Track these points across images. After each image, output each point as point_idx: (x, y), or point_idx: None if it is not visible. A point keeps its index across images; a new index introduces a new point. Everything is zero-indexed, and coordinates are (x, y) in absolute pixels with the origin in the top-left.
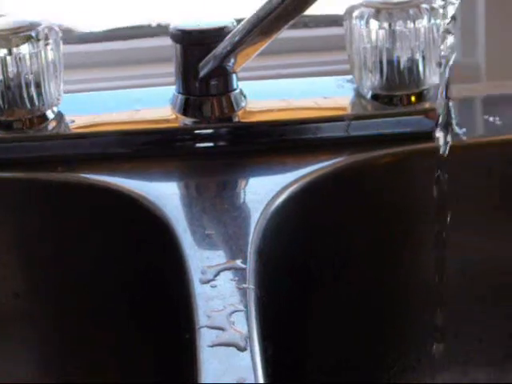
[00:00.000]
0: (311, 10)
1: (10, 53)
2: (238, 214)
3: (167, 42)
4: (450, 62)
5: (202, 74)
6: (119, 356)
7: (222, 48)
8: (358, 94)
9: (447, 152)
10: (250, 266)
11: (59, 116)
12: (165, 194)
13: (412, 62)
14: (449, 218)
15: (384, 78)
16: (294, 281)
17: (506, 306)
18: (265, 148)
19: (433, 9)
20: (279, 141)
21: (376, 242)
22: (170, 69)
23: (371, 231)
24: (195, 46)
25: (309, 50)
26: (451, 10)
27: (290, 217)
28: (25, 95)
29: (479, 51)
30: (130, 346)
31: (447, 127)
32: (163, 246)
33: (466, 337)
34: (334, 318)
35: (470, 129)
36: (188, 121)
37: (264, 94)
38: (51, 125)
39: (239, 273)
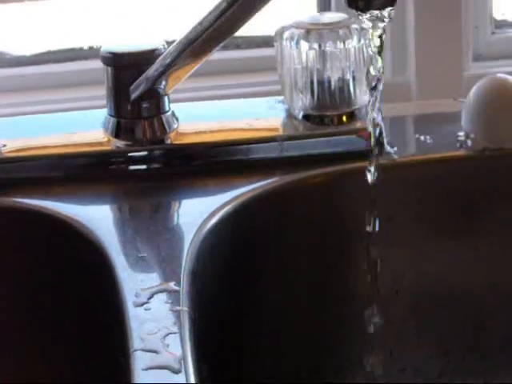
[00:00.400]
0: (242, 31)
1: None
2: (172, 236)
3: (99, 64)
4: (380, 82)
5: (133, 96)
6: (56, 378)
7: (153, 70)
8: (290, 115)
9: (378, 171)
10: (183, 287)
11: None
12: (98, 216)
13: (343, 82)
14: (382, 237)
15: (315, 98)
16: (229, 302)
17: (440, 324)
18: (197, 170)
19: (362, 29)
20: (212, 162)
21: (310, 262)
22: (103, 91)
23: (305, 251)
24: (126, 68)
25: (240, 71)
26: (380, 30)
27: (224, 238)
28: None
29: (410, 70)
30: (65, 368)
31: (379, 146)
32: (97, 269)
33: (401, 354)
34: (269, 337)
35: (401, 148)
36: (120, 143)
37: (196, 115)
38: None
39: (173, 295)
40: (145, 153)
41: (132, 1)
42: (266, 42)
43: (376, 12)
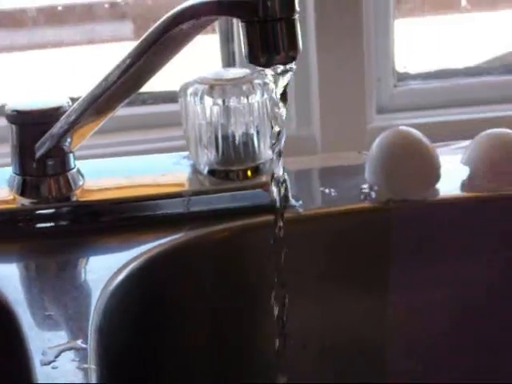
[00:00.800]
0: (148, 87)
1: None
2: (79, 294)
3: (4, 122)
4: (283, 135)
5: (38, 154)
6: None
7: (58, 128)
8: (195, 170)
9: (284, 224)
10: (90, 345)
11: None
12: (4, 275)
13: (247, 136)
14: (290, 290)
15: (220, 153)
16: (138, 357)
17: (348, 377)
18: (105, 226)
19: (265, 84)
20: (119, 218)
21: (218, 315)
22: (8, 149)
23: (212, 305)
24: (31, 126)
25: (146, 127)
26: (283, 82)
27: (131, 294)
28: None
29: (314, 124)
30: None
31: (284, 200)
32: (3, 327)
33: None
34: None
35: (306, 201)
36: (26, 201)
37: (102, 172)
38: None
39: (80, 352)
40: (51, 210)
41: (37, 58)
42: (171, 97)
43: (278, 67)
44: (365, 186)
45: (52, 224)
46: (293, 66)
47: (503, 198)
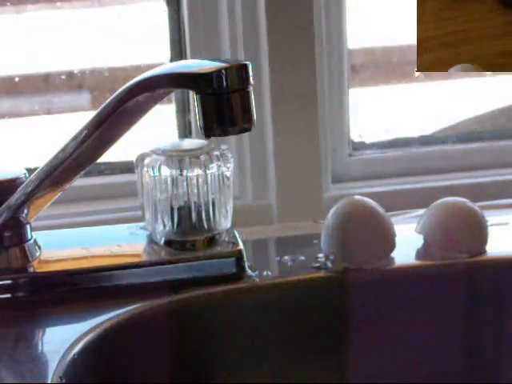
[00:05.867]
0: (105, 157)
1: None
2: (35, 365)
3: None
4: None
5: None
6: None
7: (14, 199)
8: (152, 241)
9: (240, 295)
10: None
11: None
12: None
13: (203, 207)
14: (244, 360)
15: (176, 224)
16: None
17: None
18: (62, 297)
19: (223, 155)
20: (75, 289)
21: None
22: None
23: (170, 376)
24: None
25: (103, 197)
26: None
27: (88, 365)
28: None
29: (270, 194)
30: None
31: (240, 270)
32: None
33: None
34: None
35: (263, 271)
36: None
37: (59, 243)
38: None
39: None
40: (8, 282)
41: None
42: (128, 167)
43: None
44: (320, 255)
45: (9, 295)
46: None
47: (458, 265)
